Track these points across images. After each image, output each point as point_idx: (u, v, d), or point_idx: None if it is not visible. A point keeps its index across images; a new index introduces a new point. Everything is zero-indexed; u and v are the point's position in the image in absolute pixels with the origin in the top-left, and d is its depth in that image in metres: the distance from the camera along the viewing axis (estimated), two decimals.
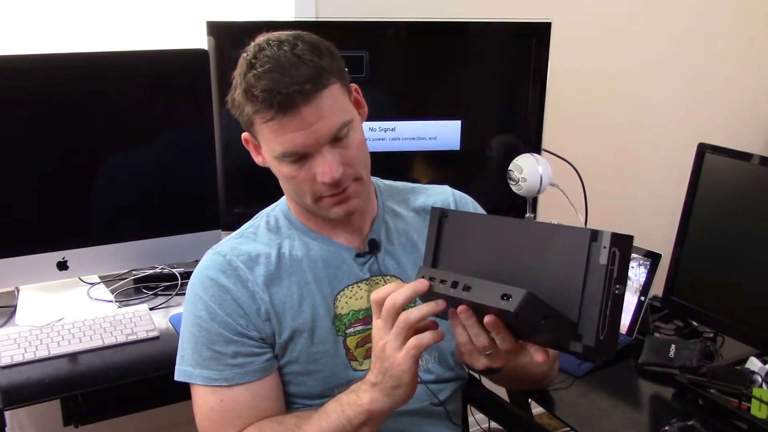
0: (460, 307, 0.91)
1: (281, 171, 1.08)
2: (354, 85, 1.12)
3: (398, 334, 0.94)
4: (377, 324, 0.97)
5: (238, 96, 1.05)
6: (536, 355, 0.92)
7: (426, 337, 0.94)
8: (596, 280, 0.81)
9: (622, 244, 0.82)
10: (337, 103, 1.04)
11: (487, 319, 0.88)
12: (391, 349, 0.95)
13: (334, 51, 1.06)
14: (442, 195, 1.29)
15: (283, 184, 1.14)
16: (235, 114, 1.08)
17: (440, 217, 1.04)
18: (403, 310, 0.95)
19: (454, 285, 0.90)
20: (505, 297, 0.83)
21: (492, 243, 0.97)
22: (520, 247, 0.93)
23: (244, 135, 1.12)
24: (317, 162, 1.04)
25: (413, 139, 1.81)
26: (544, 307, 0.84)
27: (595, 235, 0.83)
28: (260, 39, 1.06)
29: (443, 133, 1.83)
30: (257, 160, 1.13)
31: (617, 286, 0.82)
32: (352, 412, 1.01)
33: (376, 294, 0.96)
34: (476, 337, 0.93)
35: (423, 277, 0.95)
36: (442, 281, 0.92)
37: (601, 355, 0.83)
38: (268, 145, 1.06)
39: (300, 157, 1.04)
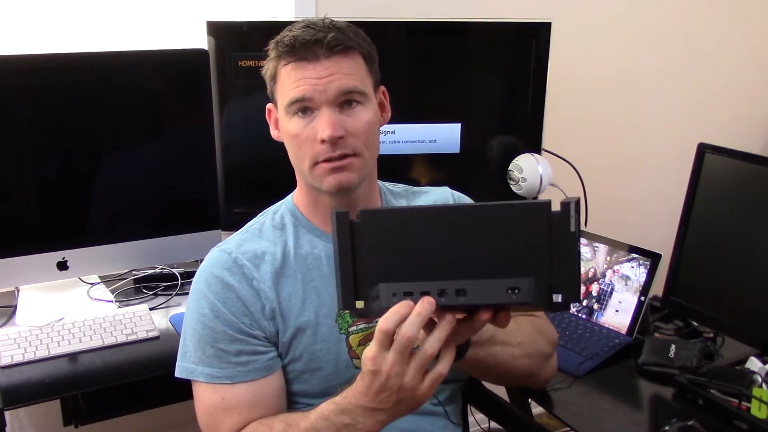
0: (449, 317, 0.89)
1: (288, 130, 1.10)
2: (383, 88, 1.17)
3: (421, 369, 0.90)
4: (389, 359, 0.89)
5: (270, 53, 1.11)
6: (501, 324, 0.93)
7: (445, 366, 0.91)
8: (569, 245, 0.89)
9: (578, 207, 0.89)
10: (356, 70, 1.09)
11: (485, 316, 0.90)
12: (413, 381, 0.90)
13: (370, 41, 1.14)
14: (441, 196, 1.29)
15: (290, 151, 1.14)
16: (264, 75, 1.14)
17: (349, 223, 0.90)
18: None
19: (442, 293, 0.88)
20: (512, 290, 0.87)
21: (430, 236, 0.91)
22: (463, 233, 0.91)
23: (269, 105, 1.17)
24: (320, 118, 1.07)
25: (413, 142, 1.82)
26: (543, 285, 0.89)
27: (549, 205, 0.90)
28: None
29: (443, 136, 1.83)
30: (274, 134, 1.17)
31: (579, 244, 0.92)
32: None
33: (385, 324, 0.88)
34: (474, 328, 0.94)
35: (394, 295, 0.88)
36: (424, 293, 0.88)
37: (576, 301, 0.93)
38: (282, 97, 1.10)
39: (307, 110, 1.08)
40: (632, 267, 1.61)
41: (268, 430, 1.08)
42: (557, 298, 0.90)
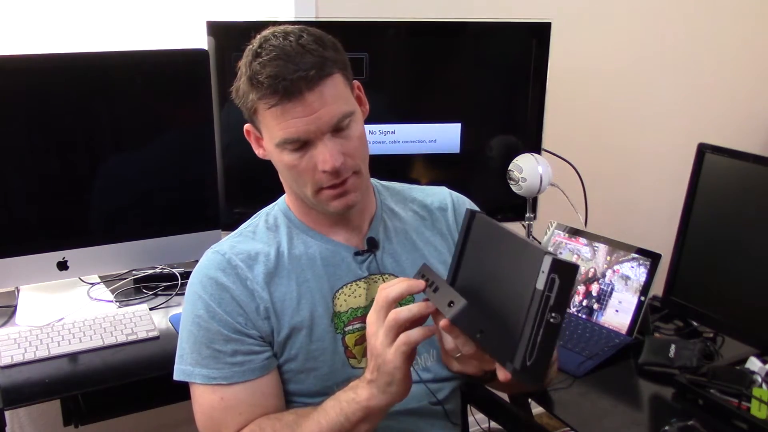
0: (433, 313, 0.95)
1: (282, 160, 1.08)
2: (357, 82, 1.14)
3: (388, 332, 0.95)
4: (370, 316, 0.98)
5: (243, 84, 1.07)
6: (498, 373, 0.90)
7: (415, 333, 0.94)
8: (534, 304, 0.80)
9: (565, 271, 0.79)
10: (339, 92, 1.06)
11: (442, 323, 0.92)
12: (381, 346, 0.95)
13: (338, 45, 1.09)
14: (440, 196, 1.29)
15: (283, 176, 1.14)
16: (238, 103, 1.10)
17: (470, 218, 1.03)
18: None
19: (436, 289, 0.93)
20: (450, 304, 0.88)
21: (497, 256, 0.97)
22: (506, 264, 0.93)
23: (246, 126, 1.13)
24: (318, 150, 1.05)
25: (413, 142, 1.82)
26: (482, 322, 0.87)
27: (543, 256, 0.81)
28: (266, 32, 1.08)
29: (443, 136, 1.83)
30: (258, 152, 1.14)
31: (552, 314, 0.80)
32: (350, 409, 1.01)
33: (380, 288, 0.98)
34: (446, 338, 0.96)
35: (421, 277, 0.97)
36: (430, 284, 0.95)
37: (525, 379, 0.82)
38: (270, 132, 1.07)
39: (302, 145, 1.06)
40: (632, 267, 1.61)
41: (277, 421, 1.09)
42: (508, 366, 0.83)
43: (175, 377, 1.13)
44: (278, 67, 1.01)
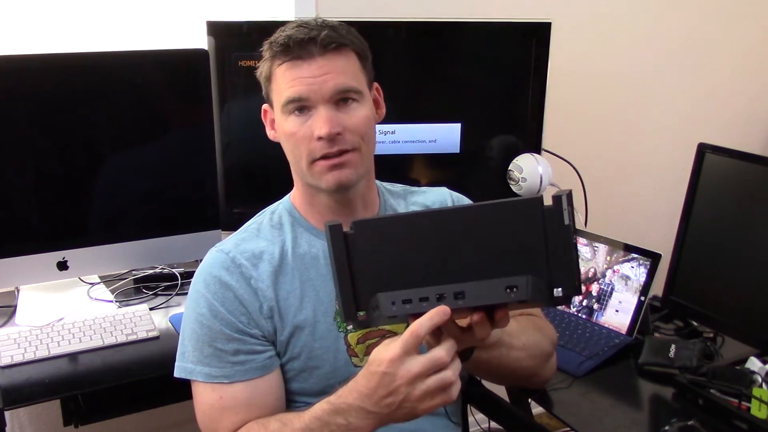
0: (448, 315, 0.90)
1: (285, 130, 1.10)
2: (377, 84, 1.17)
3: (437, 388, 0.90)
4: (413, 367, 0.89)
5: (264, 53, 1.11)
6: (501, 323, 0.94)
7: (456, 393, 0.91)
8: (565, 238, 0.89)
9: (571, 200, 0.89)
10: (351, 68, 1.09)
11: (476, 318, 0.91)
12: (422, 396, 0.90)
13: (363, 40, 1.14)
14: (440, 196, 1.29)
15: (286, 151, 1.14)
16: (258, 77, 1.14)
17: (343, 235, 0.92)
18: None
19: (441, 298, 0.89)
20: (510, 289, 0.88)
21: (423, 241, 0.92)
22: (457, 235, 0.91)
23: (264, 106, 1.17)
24: (317, 116, 1.07)
25: (413, 142, 1.82)
26: (542, 281, 0.90)
27: (541, 200, 0.90)
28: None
29: (443, 136, 1.83)
30: (270, 134, 1.17)
31: (575, 237, 0.91)
32: None
33: (418, 329, 0.89)
34: (448, 328, 0.94)
35: (393, 304, 0.90)
36: (422, 299, 0.90)
37: (577, 294, 0.93)
38: (278, 96, 1.10)
39: (303, 110, 1.08)
40: (632, 267, 1.61)
41: (264, 429, 1.08)
42: (558, 292, 0.91)
43: (176, 374, 1.14)
44: (297, 31, 1.08)
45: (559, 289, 0.90)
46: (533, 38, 1.83)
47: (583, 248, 1.70)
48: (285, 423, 1.06)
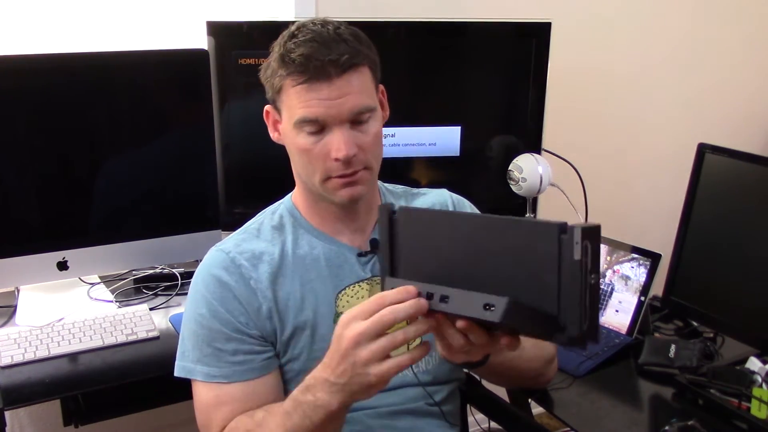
0: (438, 317, 0.89)
1: (297, 143, 1.09)
2: (382, 87, 1.16)
3: (381, 350, 0.87)
4: (360, 327, 0.88)
5: (274, 62, 1.08)
6: (502, 341, 0.90)
7: (407, 359, 0.89)
8: (572, 274, 0.81)
9: (592, 235, 0.82)
10: (366, 86, 1.08)
11: (459, 324, 0.87)
12: (365, 360, 0.88)
13: (372, 45, 1.12)
14: (440, 197, 1.29)
15: (294, 160, 1.14)
16: (264, 81, 1.12)
17: (389, 214, 0.96)
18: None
19: (430, 296, 0.87)
20: (488, 307, 0.82)
21: (452, 242, 0.92)
22: (483, 244, 0.90)
23: (267, 107, 1.15)
24: (334, 137, 1.06)
25: (413, 145, 1.81)
26: (526, 310, 0.83)
27: (564, 228, 0.82)
28: (304, 19, 1.11)
29: (443, 139, 1.83)
30: (273, 136, 1.15)
31: (592, 276, 0.82)
32: (312, 413, 0.95)
33: (381, 299, 0.89)
34: (452, 337, 0.91)
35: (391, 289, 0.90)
36: (429, 296, 0.88)
37: (586, 342, 0.84)
38: (291, 111, 1.08)
39: (319, 129, 1.07)
40: (632, 267, 1.61)
41: (249, 419, 1.08)
42: (559, 337, 0.83)
43: (176, 374, 1.14)
44: (312, 48, 1.04)
45: (564, 329, 0.82)
46: (533, 38, 1.83)
47: None
48: (268, 411, 1.06)
